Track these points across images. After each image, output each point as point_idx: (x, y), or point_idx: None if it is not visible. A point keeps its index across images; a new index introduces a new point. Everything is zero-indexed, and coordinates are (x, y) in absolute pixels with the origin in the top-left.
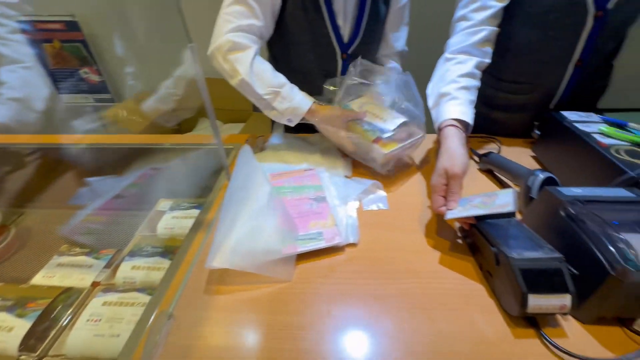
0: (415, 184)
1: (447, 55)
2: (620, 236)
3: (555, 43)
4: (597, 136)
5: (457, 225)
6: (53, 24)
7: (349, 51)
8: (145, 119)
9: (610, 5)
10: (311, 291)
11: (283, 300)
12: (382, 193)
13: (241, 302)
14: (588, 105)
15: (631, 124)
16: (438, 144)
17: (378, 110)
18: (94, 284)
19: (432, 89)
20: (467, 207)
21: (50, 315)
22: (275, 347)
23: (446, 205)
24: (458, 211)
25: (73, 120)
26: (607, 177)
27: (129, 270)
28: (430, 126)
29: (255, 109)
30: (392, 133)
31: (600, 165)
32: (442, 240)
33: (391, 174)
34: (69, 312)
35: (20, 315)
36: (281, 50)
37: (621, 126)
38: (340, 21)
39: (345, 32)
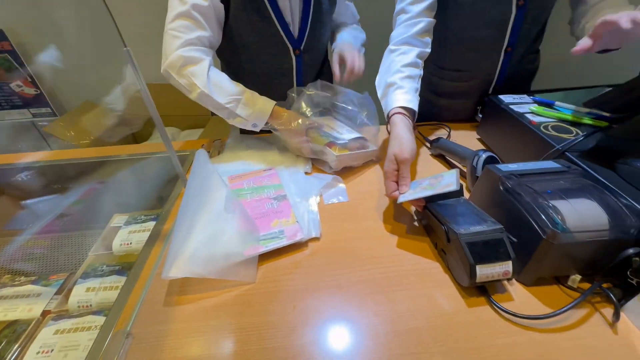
0: (372, 173)
1: (391, 47)
2: (549, 204)
3: (486, 32)
4: (529, 115)
5: (412, 209)
6: None
7: (301, 46)
8: (92, 132)
9: None
10: (276, 289)
11: (248, 302)
12: (342, 186)
13: (204, 310)
14: (522, 87)
15: (557, 103)
16: (388, 132)
17: (337, 126)
18: (44, 313)
19: (379, 81)
20: (417, 189)
21: None
22: (242, 349)
23: (398, 190)
24: (409, 194)
25: (10, 138)
26: (539, 151)
27: (83, 292)
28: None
29: (214, 113)
30: (345, 141)
31: (533, 141)
32: (400, 225)
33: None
34: (16, 347)
35: None
36: (232, 54)
37: (549, 105)
38: (287, 18)
39: (295, 28)
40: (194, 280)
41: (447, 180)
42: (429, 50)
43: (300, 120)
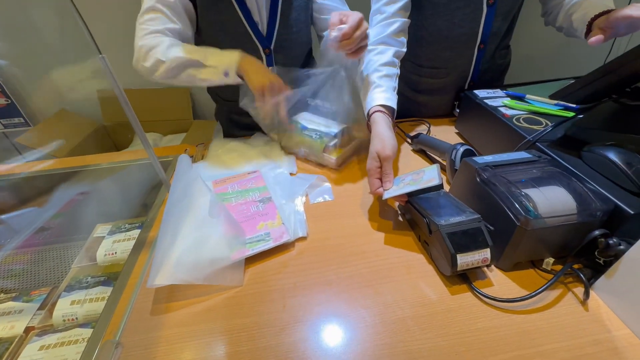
0: (356, 172)
1: (368, 47)
2: (522, 192)
3: (459, 30)
4: (502, 109)
5: (396, 204)
6: None
7: (271, 45)
8: (69, 141)
9: None
10: (265, 289)
11: (237, 304)
12: (327, 185)
13: (194, 314)
14: (496, 80)
15: (528, 96)
16: (369, 130)
17: (318, 120)
18: (28, 330)
19: (359, 81)
20: (401, 185)
21: None
22: (234, 350)
23: (382, 187)
24: (393, 190)
25: None
26: (512, 143)
27: (68, 306)
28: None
29: (196, 116)
30: (337, 140)
31: (506, 133)
32: (385, 220)
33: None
34: None
35: None
36: None
37: (520, 98)
38: (256, 17)
39: (263, 26)
40: (182, 286)
41: (428, 175)
42: (404, 49)
43: (269, 72)
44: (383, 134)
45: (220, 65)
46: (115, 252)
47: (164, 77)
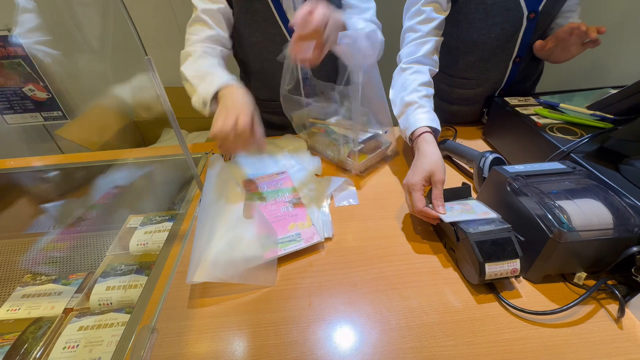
0: (380, 177)
1: (402, 65)
2: (555, 203)
3: (496, 44)
4: (534, 117)
5: None
6: None
7: None
8: (103, 135)
9: (540, 7)
10: (292, 287)
11: (265, 299)
12: (352, 189)
13: (224, 307)
14: (528, 91)
15: (561, 105)
16: (413, 149)
17: (347, 126)
18: (67, 311)
19: (395, 97)
20: (455, 212)
21: (20, 350)
22: (262, 343)
23: (434, 209)
24: (451, 216)
25: (22, 141)
26: (545, 152)
27: (104, 291)
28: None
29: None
30: (362, 146)
31: (538, 143)
32: (409, 225)
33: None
34: (42, 343)
35: None
36: (242, 53)
37: (554, 107)
38: (290, 16)
39: None
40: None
41: (479, 208)
42: (437, 69)
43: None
44: (437, 156)
45: (202, 94)
46: (147, 243)
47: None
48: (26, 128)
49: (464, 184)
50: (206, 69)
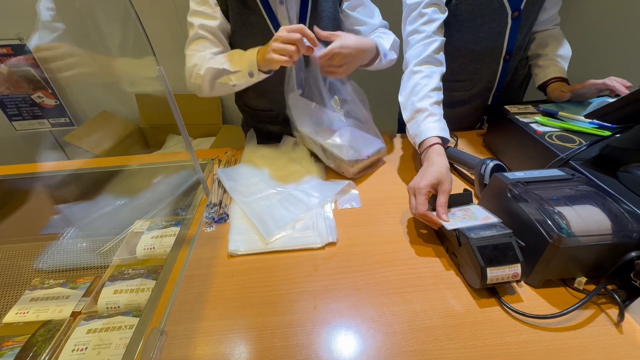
0: (381, 181)
1: (412, 68)
2: (555, 210)
3: (486, 43)
4: (534, 125)
5: None
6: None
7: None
8: (109, 141)
9: (522, 6)
10: (297, 291)
11: (272, 302)
12: (355, 192)
13: (231, 310)
14: (519, 90)
15: (560, 113)
16: (420, 156)
17: (351, 141)
18: (75, 314)
19: (405, 101)
20: (457, 219)
21: (30, 352)
22: (268, 346)
23: (438, 216)
24: (454, 223)
25: (29, 147)
26: (544, 160)
27: (111, 295)
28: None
29: (225, 121)
30: (365, 158)
31: (538, 150)
32: (412, 230)
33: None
34: (51, 345)
35: None
36: None
37: (553, 115)
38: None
39: None
40: (221, 282)
41: (480, 213)
42: (444, 68)
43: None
44: (445, 166)
45: (243, 68)
46: (154, 247)
47: (208, 92)
48: (34, 134)
49: (465, 190)
50: (227, 54)
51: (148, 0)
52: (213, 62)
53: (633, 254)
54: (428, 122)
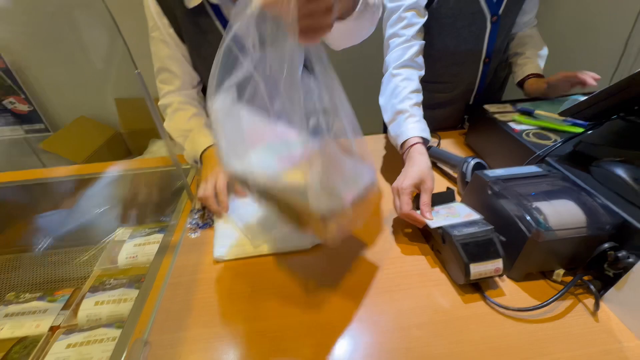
0: None
1: (392, 71)
2: (533, 205)
3: (466, 46)
4: (511, 124)
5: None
6: None
7: None
8: (88, 147)
9: (500, 12)
10: (284, 294)
11: (257, 307)
12: None
13: (218, 316)
14: (499, 91)
15: (536, 111)
16: (402, 156)
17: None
18: (53, 329)
19: (385, 104)
20: (440, 217)
21: None
22: (255, 352)
23: (422, 214)
24: (438, 221)
25: (4, 155)
26: (522, 157)
27: (92, 306)
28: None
29: (209, 125)
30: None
31: (516, 148)
32: (398, 230)
33: None
34: None
35: None
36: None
37: (529, 113)
38: None
39: None
40: (206, 289)
41: (463, 210)
42: (423, 72)
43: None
44: (427, 164)
45: (190, 151)
46: (136, 256)
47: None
48: (6, 142)
49: (448, 188)
50: (187, 127)
51: (126, 2)
52: (174, 124)
53: (606, 245)
54: (409, 123)
